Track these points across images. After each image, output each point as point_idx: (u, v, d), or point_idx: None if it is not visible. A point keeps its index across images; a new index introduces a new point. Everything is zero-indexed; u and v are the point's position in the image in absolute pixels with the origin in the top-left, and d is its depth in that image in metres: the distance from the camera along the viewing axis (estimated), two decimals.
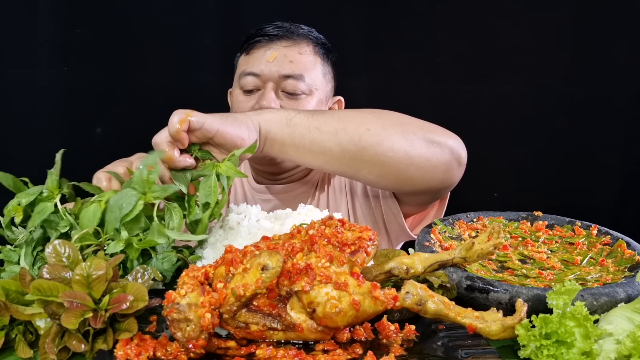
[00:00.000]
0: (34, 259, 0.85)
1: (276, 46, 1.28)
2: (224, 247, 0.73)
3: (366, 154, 0.99)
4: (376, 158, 1.00)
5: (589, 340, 0.63)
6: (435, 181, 1.07)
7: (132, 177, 0.85)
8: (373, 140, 0.99)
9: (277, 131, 0.97)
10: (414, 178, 1.04)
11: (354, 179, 1.11)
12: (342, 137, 0.98)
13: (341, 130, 0.98)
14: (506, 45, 1.88)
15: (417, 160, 1.03)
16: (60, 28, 1.79)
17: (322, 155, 0.99)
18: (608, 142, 1.95)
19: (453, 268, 0.78)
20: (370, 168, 1.02)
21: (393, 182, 1.06)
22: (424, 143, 1.03)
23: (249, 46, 1.31)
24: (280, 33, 1.29)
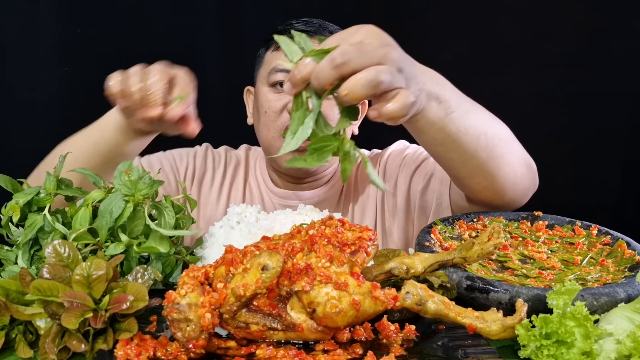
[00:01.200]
0: (31, 259, 0.85)
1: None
2: (224, 247, 0.73)
3: (491, 164, 0.96)
4: (496, 171, 0.97)
5: (589, 340, 0.63)
6: (517, 200, 1.06)
7: (114, 182, 0.86)
8: (501, 151, 0.96)
9: (433, 115, 0.86)
10: (508, 194, 1.02)
11: (458, 180, 1.05)
12: (480, 143, 0.93)
13: (482, 136, 0.93)
14: (506, 44, 1.88)
15: (520, 180, 1.01)
16: (60, 28, 1.79)
17: (456, 154, 0.94)
18: (608, 142, 1.94)
19: (453, 268, 0.78)
20: (484, 178, 0.98)
21: (490, 195, 1.02)
22: (525, 164, 1.02)
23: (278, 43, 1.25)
24: (312, 29, 1.25)
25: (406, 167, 1.29)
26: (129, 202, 0.83)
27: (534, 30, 1.88)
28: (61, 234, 0.84)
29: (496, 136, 0.96)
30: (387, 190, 1.13)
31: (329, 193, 1.35)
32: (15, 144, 1.83)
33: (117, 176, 0.86)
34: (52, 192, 0.87)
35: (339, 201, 1.35)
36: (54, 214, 0.87)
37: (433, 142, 0.94)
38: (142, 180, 0.86)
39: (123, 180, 0.85)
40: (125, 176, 0.85)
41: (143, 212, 0.84)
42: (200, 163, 1.36)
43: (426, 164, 1.25)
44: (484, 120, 0.96)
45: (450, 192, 1.17)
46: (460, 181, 1.04)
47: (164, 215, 0.85)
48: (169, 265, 0.87)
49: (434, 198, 1.21)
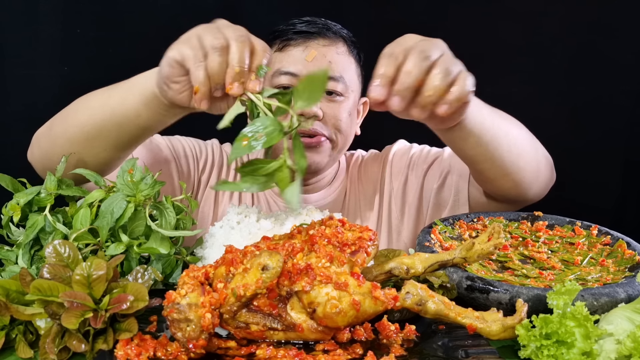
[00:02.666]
0: (31, 259, 0.85)
1: (313, 44, 1.21)
2: (224, 247, 0.73)
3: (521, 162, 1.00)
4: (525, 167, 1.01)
5: (589, 341, 0.63)
6: (539, 195, 1.09)
7: (116, 181, 0.86)
8: (527, 149, 1.01)
9: (476, 116, 0.92)
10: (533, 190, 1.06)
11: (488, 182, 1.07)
12: (511, 141, 0.98)
13: (510, 136, 0.99)
14: (507, 45, 1.88)
15: (542, 175, 1.06)
16: (60, 28, 1.79)
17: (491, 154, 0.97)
18: (608, 142, 1.94)
19: (453, 268, 0.78)
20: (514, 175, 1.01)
21: (516, 192, 1.05)
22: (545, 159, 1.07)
23: (282, 43, 1.22)
24: (316, 30, 1.23)
25: (417, 166, 1.29)
26: (130, 202, 0.83)
27: (535, 30, 1.87)
28: (62, 234, 0.84)
29: (521, 135, 1.01)
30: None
31: (334, 195, 1.34)
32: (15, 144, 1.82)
33: (120, 176, 0.85)
34: (52, 192, 0.87)
35: (344, 202, 1.35)
36: (55, 214, 0.87)
37: (474, 145, 0.96)
38: (144, 180, 0.86)
39: (125, 180, 0.85)
40: (128, 176, 0.85)
41: (144, 212, 0.84)
42: (218, 158, 1.34)
43: (440, 161, 1.25)
44: (508, 121, 1.01)
45: (469, 187, 1.19)
46: (491, 183, 1.07)
47: (164, 215, 0.85)
48: (169, 266, 0.87)
49: (452, 194, 1.22)
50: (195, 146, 1.31)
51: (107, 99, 0.94)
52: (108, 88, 0.96)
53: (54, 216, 0.86)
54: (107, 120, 0.93)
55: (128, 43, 1.81)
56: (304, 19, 1.26)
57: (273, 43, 1.24)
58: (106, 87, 0.97)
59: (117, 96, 0.93)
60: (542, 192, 1.09)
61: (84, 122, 0.94)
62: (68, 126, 0.97)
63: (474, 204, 1.18)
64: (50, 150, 0.98)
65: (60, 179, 0.89)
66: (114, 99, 0.93)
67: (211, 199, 1.31)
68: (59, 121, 1.00)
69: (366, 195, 1.34)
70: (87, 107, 0.96)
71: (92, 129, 0.94)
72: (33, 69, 1.80)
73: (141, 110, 0.90)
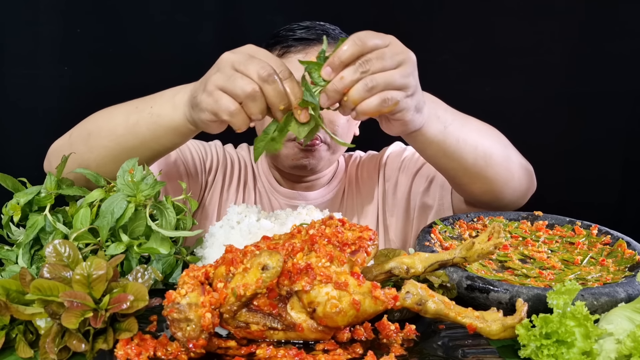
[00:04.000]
0: (31, 258, 0.85)
1: (313, 51, 1.21)
2: (224, 247, 0.73)
3: (490, 171, 1.01)
4: (495, 176, 1.02)
5: (589, 340, 0.63)
6: (516, 202, 1.10)
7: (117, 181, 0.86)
8: (498, 158, 1.01)
9: (434, 130, 0.93)
10: (507, 197, 1.07)
11: (459, 187, 1.09)
12: (479, 152, 0.99)
13: (479, 145, 0.99)
14: (507, 44, 1.88)
15: (517, 183, 1.06)
16: (60, 28, 1.79)
17: (456, 163, 0.99)
18: (609, 141, 1.94)
19: (453, 268, 0.78)
20: (483, 183, 1.03)
21: (489, 198, 1.06)
22: (522, 168, 1.07)
23: (282, 49, 1.22)
24: (315, 37, 1.22)
25: (406, 169, 1.30)
26: (131, 202, 0.83)
27: (534, 30, 1.87)
28: (62, 234, 0.84)
29: (492, 145, 1.02)
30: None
31: (332, 193, 1.36)
32: (15, 144, 1.82)
33: (120, 175, 0.85)
34: (52, 192, 0.87)
35: (341, 200, 1.36)
36: (55, 214, 0.87)
37: (436, 155, 0.99)
38: (145, 181, 0.86)
39: (126, 180, 0.85)
40: (129, 176, 0.85)
41: (144, 212, 0.84)
42: (222, 159, 1.34)
43: (427, 167, 1.27)
44: (479, 130, 1.02)
45: (452, 197, 1.21)
46: (462, 187, 1.08)
47: (165, 215, 0.86)
48: (169, 265, 0.87)
49: (436, 200, 1.24)
50: (200, 148, 1.32)
51: (133, 126, 0.94)
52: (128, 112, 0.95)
53: (54, 216, 0.86)
54: (138, 147, 0.95)
55: (128, 43, 1.81)
56: (303, 24, 1.26)
57: (274, 48, 1.24)
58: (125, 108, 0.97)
59: (144, 127, 0.93)
60: (519, 199, 1.10)
61: (111, 147, 0.95)
62: (92, 147, 0.97)
63: (457, 210, 1.20)
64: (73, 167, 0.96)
65: (60, 179, 0.89)
66: (142, 130, 0.93)
67: (215, 199, 1.32)
68: (80, 141, 0.99)
69: (362, 194, 1.35)
70: (111, 132, 0.96)
71: (120, 153, 0.94)
72: (33, 69, 1.80)
73: (172, 138, 0.94)
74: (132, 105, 0.97)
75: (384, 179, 1.33)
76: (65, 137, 1.04)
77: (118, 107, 1.00)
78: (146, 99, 0.96)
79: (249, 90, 0.78)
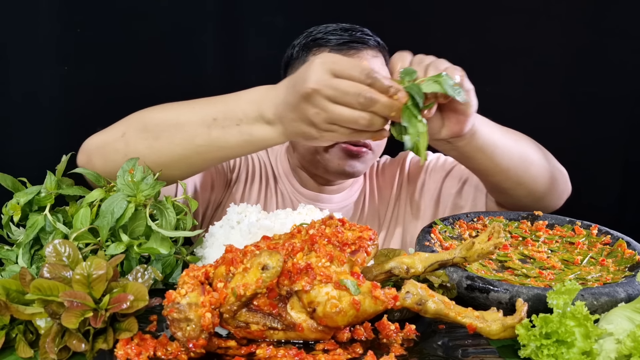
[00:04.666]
0: (31, 258, 0.85)
1: (363, 54, 1.21)
2: (224, 247, 0.73)
3: (531, 174, 1.04)
4: (536, 179, 1.05)
5: (589, 340, 0.63)
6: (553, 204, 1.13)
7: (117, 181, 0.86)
8: (539, 162, 1.06)
9: (484, 132, 0.96)
10: (547, 200, 1.10)
11: (501, 192, 1.11)
12: (522, 156, 1.03)
13: (521, 150, 1.03)
14: (506, 45, 1.88)
15: (554, 186, 1.09)
16: (60, 28, 1.79)
17: (501, 168, 1.01)
18: (609, 141, 1.94)
19: (453, 268, 0.78)
20: (525, 187, 1.05)
21: (530, 200, 1.09)
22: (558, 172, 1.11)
23: (331, 52, 1.20)
24: (348, 39, 1.21)
25: (434, 172, 1.31)
26: (131, 202, 0.83)
27: (534, 30, 1.87)
28: (62, 234, 0.84)
29: (531, 148, 1.06)
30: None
31: (355, 196, 1.35)
32: (15, 143, 1.82)
33: (120, 176, 0.86)
34: (52, 192, 0.87)
35: (363, 204, 1.36)
36: (55, 214, 0.87)
37: (485, 159, 1.00)
38: (145, 180, 0.86)
39: (126, 180, 0.85)
40: (129, 176, 0.85)
41: (144, 212, 0.84)
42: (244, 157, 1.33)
43: (458, 169, 1.28)
44: (517, 137, 1.06)
45: (486, 199, 1.22)
46: (505, 192, 1.10)
47: (165, 215, 0.85)
48: (169, 265, 0.87)
49: (469, 201, 1.25)
50: None
51: (217, 139, 0.90)
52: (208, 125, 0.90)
53: (54, 216, 0.86)
54: (218, 157, 0.93)
55: (128, 43, 1.81)
56: (345, 26, 1.25)
57: (318, 50, 1.22)
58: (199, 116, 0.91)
59: (232, 142, 0.90)
60: (557, 202, 1.12)
61: (185, 154, 0.91)
62: (158, 150, 0.92)
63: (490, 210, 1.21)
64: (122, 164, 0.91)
65: (60, 179, 0.89)
66: (230, 144, 0.90)
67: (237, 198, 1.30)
68: (142, 141, 0.93)
69: (384, 198, 1.35)
70: (188, 141, 0.91)
71: (196, 160, 0.92)
72: (33, 69, 1.80)
73: (259, 149, 0.93)
74: (206, 114, 0.91)
75: (407, 183, 1.34)
76: (114, 133, 0.97)
77: (187, 112, 0.93)
78: (219, 108, 0.91)
79: (364, 122, 0.79)
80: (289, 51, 1.30)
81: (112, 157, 0.93)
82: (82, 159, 0.98)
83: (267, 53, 1.83)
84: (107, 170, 0.93)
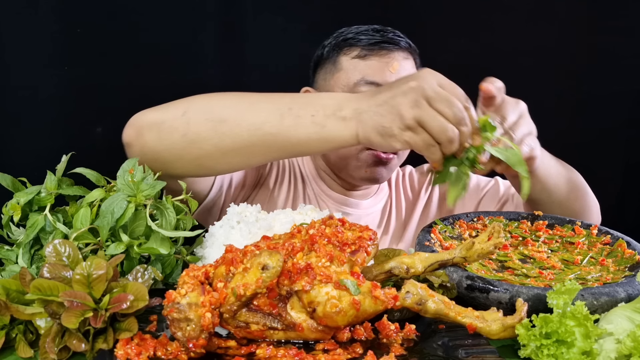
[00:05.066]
0: (31, 258, 0.85)
1: (395, 56, 1.20)
2: (224, 247, 0.73)
3: (577, 200, 1.11)
4: (581, 206, 1.11)
5: (589, 340, 0.63)
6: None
7: (117, 181, 0.86)
8: (582, 187, 1.12)
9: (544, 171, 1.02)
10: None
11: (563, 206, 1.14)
12: (568, 183, 1.08)
13: (568, 177, 1.09)
14: (506, 44, 1.88)
15: (590, 208, 1.14)
16: (60, 28, 1.79)
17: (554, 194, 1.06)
18: (609, 141, 1.94)
19: (453, 268, 0.78)
20: (571, 213, 1.09)
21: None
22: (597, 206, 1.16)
23: (364, 51, 1.20)
24: (380, 39, 1.21)
25: (473, 192, 1.33)
26: (131, 202, 0.83)
27: (534, 30, 1.88)
28: (62, 234, 0.84)
29: (574, 174, 1.12)
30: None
31: (382, 203, 1.35)
32: (15, 144, 1.82)
33: (121, 176, 0.85)
34: (53, 192, 0.87)
35: (390, 211, 1.36)
36: (55, 214, 0.87)
37: (540, 191, 1.04)
38: (145, 180, 0.85)
39: (126, 180, 0.85)
40: (129, 176, 0.85)
41: (145, 212, 0.84)
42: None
43: (495, 189, 1.31)
44: (564, 167, 1.11)
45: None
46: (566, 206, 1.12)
47: (165, 215, 0.85)
48: (169, 265, 0.87)
49: None
50: None
51: (288, 130, 0.88)
52: (280, 112, 0.89)
53: (54, 216, 0.86)
54: (284, 147, 0.90)
55: (128, 43, 1.81)
56: (376, 27, 1.25)
57: (349, 50, 1.22)
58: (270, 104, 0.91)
59: (303, 134, 0.88)
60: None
61: (252, 141, 0.89)
62: (222, 135, 0.89)
63: None
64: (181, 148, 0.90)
65: (60, 178, 0.89)
66: (300, 136, 0.88)
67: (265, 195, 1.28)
68: (203, 122, 0.90)
69: (415, 207, 1.36)
70: (256, 127, 0.89)
71: (261, 147, 0.90)
72: (33, 69, 1.80)
73: (329, 148, 0.91)
74: (282, 103, 0.90)
75: (438, 193, 1.35)
76: (173, 111, 0.93)
77: (260, 99, 0.93)
78: (297, 100, 0.90)
79: (451, 135, 0.80)
80: (319, 51, 1.30)
81: (168, 135, 0.90)
82: (131, 133, 0.94)
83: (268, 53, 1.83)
84: (158, 149, 0.91)
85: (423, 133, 0.81)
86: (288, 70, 1.81)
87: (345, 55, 1.23)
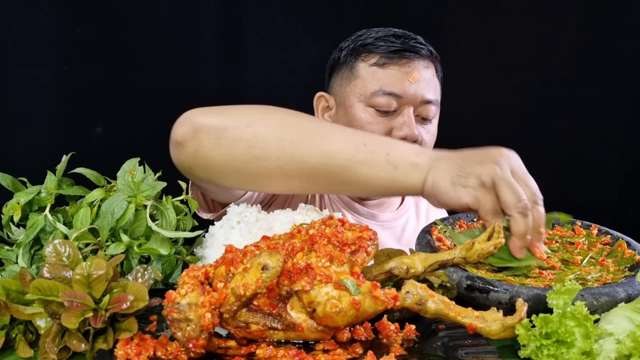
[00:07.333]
0: (31, 258, 0.85)
1: (415, 65, 1.18)
2: (224, 247, 0.73)
3: None
4: None
5: (589, 340, 0.63)
6: None
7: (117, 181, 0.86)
8: None
9: None
10: None
11: None
12: None
13: None
14: (506, 45, 1.88)
15: None
16: (60, 28, 1.79)
17: None
18: (608, 141, 1.95)
19: (453, 268, 0.78)
20: None
21: None
22: None
23: (383, 59, 1.17)
24: (416, 49, 1.19)
25: None
26: (131, 203, 0.83)
27: (534, 30, 1.88)
28: (62, 234, 0.84)
29: None
30: None
31: (403, 219, 1.35)
32: (15, 144, 1.83)
33: (121, 176, 0.86)
34: (53, 192, 0.87)
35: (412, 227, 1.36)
36: (55, 214, 0.87)
37: None
38: (145, 181, 0.85)
39: (126, 181, 0.85)
40: (129, 176, 0.85)
41: (145, 213, 0.84)
42: None
43: None
44: None
45: None
46: None
47: (165, 216, 0.86)
48: (169, 265, 0.87)
49: None
50: None
51: (359, 164, 0.84)
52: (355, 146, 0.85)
53: (54, 216, 0.86)
54: (347, 181, 0.86)
55: (128, 43, 1.82)
56: (397, 32, 1.23)
57: (367, 56, 1.19)
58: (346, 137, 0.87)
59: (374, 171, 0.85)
60: None
61: (317, 169, 0.85)
62: (286, 154, 0.85)
63: None
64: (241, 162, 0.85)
65: (60, 179, 0.89)
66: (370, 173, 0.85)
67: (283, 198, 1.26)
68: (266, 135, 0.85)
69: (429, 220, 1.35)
70: (328, 157, 0.85)
71: (324, 178, 0.86)
72: (33, 69, 1.80)
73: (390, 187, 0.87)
74: (356, 137, 0.87)
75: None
76: (238, 119, 0.86)
77: (335, 129, 0.89)
78: (372, 138, 0.89)
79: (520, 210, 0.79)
80: (336, 54, 1.27)
81: (230, 144, 0.84)
82: (186, 132, 0.87)
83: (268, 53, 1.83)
84: (214, 156, 0.85)
85: (488, 196, 0.80)
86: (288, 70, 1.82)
87: (363, 62, 1.20)
